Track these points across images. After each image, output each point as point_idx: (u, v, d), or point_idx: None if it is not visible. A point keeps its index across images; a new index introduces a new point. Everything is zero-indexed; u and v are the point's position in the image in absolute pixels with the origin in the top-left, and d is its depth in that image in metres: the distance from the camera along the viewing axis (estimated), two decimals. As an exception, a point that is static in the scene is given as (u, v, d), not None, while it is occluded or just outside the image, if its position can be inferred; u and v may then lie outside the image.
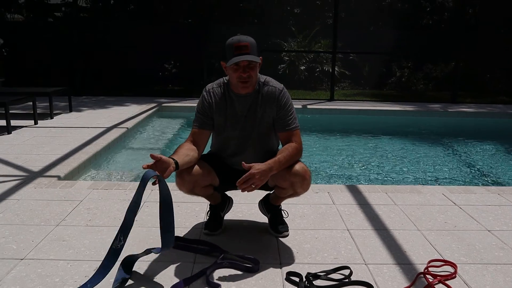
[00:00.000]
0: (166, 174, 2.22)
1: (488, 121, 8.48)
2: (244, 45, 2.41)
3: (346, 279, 2.31)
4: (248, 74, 2.44)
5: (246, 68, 2.43)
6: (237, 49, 2.41)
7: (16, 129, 6.10)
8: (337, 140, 7.02)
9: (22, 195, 3.50)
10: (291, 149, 2.50)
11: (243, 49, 2.41)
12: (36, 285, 2.21)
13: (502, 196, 3.64)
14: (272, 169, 2.37)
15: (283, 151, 2.49)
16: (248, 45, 2.42)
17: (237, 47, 2.41)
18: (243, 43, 2.41)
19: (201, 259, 2.50)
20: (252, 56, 2.42)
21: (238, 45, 2.41)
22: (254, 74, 2.48)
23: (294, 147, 2.52)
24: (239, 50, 2.41)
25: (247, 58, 2.40)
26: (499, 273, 2.42)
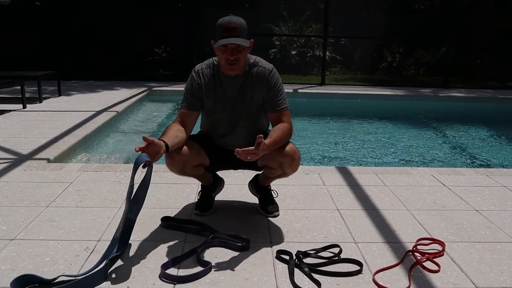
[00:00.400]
0: (157, 157, 2.21)
1: (478, 106, 8.54)
2: (234, 27, 2.37)
3: (335, 257, 2.33)
4: (235, 57, 2.41)
5: (234, 51, 2.40)
6: (226, 30, 2.38)
7: (4, 113, 6.04)
8: (327, 124, 7.04)
9: (11, 177, 3.48)
10: (285, 129, 2.50)
11: (232, 31, 2.37)
12: (27, 264, 2.21)
13: (490, 178, 3.68)
14: (270, 147, 2.35)
15: (277, 131, 2.47)
16: (238, 27, 2.38)
17: (226, 28, 2.38)
18: (233, 25, 2.38)
19: (191, 238, 2.51)
20: (241, 39, 2.38)
21: (228, 26, 2.38)
22: (242, 57, 2.44)
23: (287, 127, 2.52)
24: (228, 32, 2.37)
25: (236, 41, 2.36)
26: (486, 250, 2.45)
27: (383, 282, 2.11)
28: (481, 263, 2.32)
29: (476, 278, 2.16)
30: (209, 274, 2.15)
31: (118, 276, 2.11)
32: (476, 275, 2.20)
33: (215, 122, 2.66)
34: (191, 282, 2.08)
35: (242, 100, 2.58)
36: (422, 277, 2.17)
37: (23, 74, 7.02)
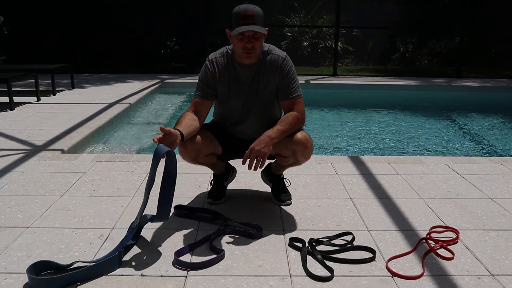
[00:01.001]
0: (174, 146, 2.23)
1: (493, 95, 8.44)
2: (250, 15, 2.36)
3: (348, 245, 2.33)
4: (252, 45, 2.40)
5: (251, 39, 2.39)
6: (243, 18, 2.36)
7: (19, 105, 6.11)
8: (340, 115, 7.00)
9: (26, 167, 3.52)
10: (291, 117, 2.49)
11: (249, 18, 2.36)
12: (42, 251, 2.24)
13: (505, 166, 3.64)
14: (272, 138, 2.36)
15: (283, 120, 2.48)
16: (254, 14, 2.37)
17: (243, 16, 2.36)
18: (249, 13, 2.37)
19: (204, 226, 2.53)
20: (258, 27, 2.37)
21: (244, 14, 2.36)
22: (258, 45, 2.44)
23: (295, 115, 2.51)
24: (245, 20, 2.36)
25: (253, 28, 2.35)
26: (501, 238, 2.43)
27: (397, 269, 2.10)
28: (496, 250, 2.30)
29: (491, 266, 2.15)
30: (222, 261, 2.16)
31: (132, 263, 2.13)
32: (490, 262, 2.18)
33: (228, 111, 2.66)
34: (204, 269, 2.09)
35: (255, 88, 2.57)
36: (435, 264, 2.16)
37: (37, 67, 7.08)
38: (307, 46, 12.73)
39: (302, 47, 12.64)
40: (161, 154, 2.13)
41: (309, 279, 2.02)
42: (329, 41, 12.60)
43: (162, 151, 2.13)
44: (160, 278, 2.01)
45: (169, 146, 2.18)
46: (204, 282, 1.98)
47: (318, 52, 12.79)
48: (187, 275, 2.04)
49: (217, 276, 2.04)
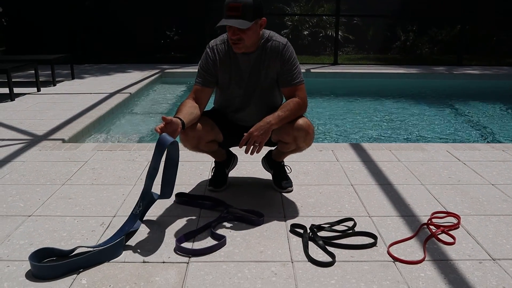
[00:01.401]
0: (175, 135, 2.22)
1: (494, 83, 8.40)
2: (235, 7, 2.31)
3: (350, 230, 2.33)
4: (238, 37, 2.37)
5: (236, 31, 2.36)
6: (228, 9, 2.33)
7: (19, 96, 6.10)
8: (341, 103, 6.99)
9: (27, 157, 3.52)
10: (292, 104, 2.48)
11: (233, 10, 2.31)
12: (44, 239, 2.25)
13: (506, 152, 3.64)
14: (271, 124, 2.36)
15: (284, 106, 2.47)
16: (240, 6, 2.30)
17: (229, 7, 2.32)
18: (234, 4, 2.31)
19: (206, 213, 2.53)
20: (238, 22, 2.31)
21: (230, 5, 2.32)
22: (246, 37, 2.38)
23: (296, 101, 2.50)
24: (229, 11, 2.32)
25: (231, 23, 2.31)
26: (502, 223, 2.43)
27: (398, 254, 2.11)
28: (497, 235, 2.30)
29: (492, 250, 2.15)
30: (224, 247, 2.17)
31: (134, 250, 2.13)
32: (492, 247, 2.18)
33: (229, 98, 2.65)
34: (206, 255, 2.09)
35: (256, 75, 2.56)
36: (437, 249, 2.16)
37: (37, 58, 7.06)
38: (307, 35, 12.67)
39: (302, 36, 12.59)
40: (166, 144, 2.12)
41: (310, 264, 2.03)
42: (329, 30, 12.54)
43: (167, 141, 2.13)
44: (162, 265, 2.02)
45: (171, 134, 2.18)
46: (206, 268, 1.99)
47: (319, 41, 12.74)
48: (189, 262, 2.04)
49: (219, 262, 2.04)
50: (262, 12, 2.41)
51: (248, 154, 2.36)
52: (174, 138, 2.19)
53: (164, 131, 2.16)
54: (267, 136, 2.35)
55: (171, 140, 2.13)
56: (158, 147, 2.14)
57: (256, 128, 2.34)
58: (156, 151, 2.15)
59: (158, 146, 2.14)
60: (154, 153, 2.16)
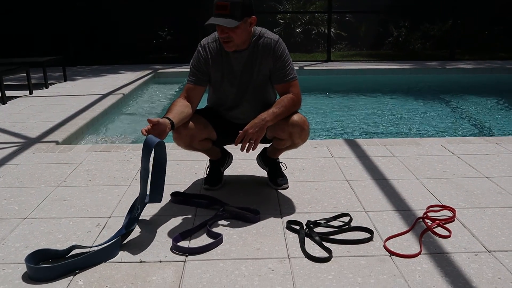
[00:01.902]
0: (164, 136, 2.22)
1: (487, 77, 8.44)
2: (223, 5, 2.30)
3: (346, 226, 2.33)
4: (226, 35, 2.37)
5: (225, 30, 2.35)
6: (216, 8, 2.32)
7: (11, 99, 6.06)
8: (334, 100, 7.00)
9: (21, 160, 3.50)
10: (286, 100, 2.48)
11: (221, 9, 2.31)
12: (40, 241, 2.23)
13: (500, 145, 3.65)
14: (266, 121, 2.36)
15: (278, 103, 2.47)
16: (227, 5, 2.30)
17: (216, 6, 2.32)
18: (222, 3, 2.30)
19: (202, 212, 2.52)
20: (225, 20, 2.30)
21: (218, 4, 2.31)
22: (235, 35, 2.37)
23: (290, 98, 2.50)
24: (217, 10, 2.32)
25: (218, 22, 2.30)
26: (497, 215, 2.44)
27: (394, 248, 2.11)
28: (492, 227, 2.31)
29: (487, 242, 2.16)
30: (220, 245, 2.16)
31: (131, 250, 2.13)
32: (487, 239, 2.19)
33: (222, 96, 2.65)
34: (203, 254, 2.09)
35: (249, 72, 2.55)
36: (433, 243, 2.17)
37: (28, 60, 7.02)
38: (300, 32, 12.68)
39: (295, 34, 12.60)
40: (152, 145, 2.12)
41: (307, 260, 2.03)
42: (322, 27, 12.57)
43: (153, 142, 2.13)
44: (159, 264, 2.02)
45: (159, 136, 2.18)
46: (202, 267, 1.99)
47: (311, 38, 12.76)
48: (185, 260, 2.04)
49: (216, 260, 2.04)
50: (252, 10, 2.40)
51: (243, 151, 2.36)
52: (162, 139, 2.19)
53: (151, 133, 2.16)
54: (262, 133, 2.35)
55: (157, 141, 2.13)
56: (145, 149, 2.15)
57: (251, 125, 2.34)
58: (143, 153, 2.15)
59: (145, 147, 2.15)
60: (142, 154, 2.17)
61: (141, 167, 2.20)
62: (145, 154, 2.15)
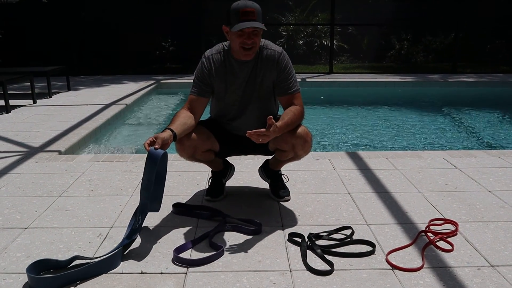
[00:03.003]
0: (166, 147, 2.23)
1: (489, 90, 8.45)
2: (250, 11, 2.35)
3: (348, 239, 2.33)
4: (252, 41, 2.40)
5: (251, 35, 2.38)
6: (243, 14, 2.34)
7: (15, 108, 6.09)
8: (337, 112, 7.00)
9: (23, 169, 3.51)
10: (297, 111, 2.48)
11: (249, 15, 2.35)
12: (41, 251, 2.23)
13: (502, 159, 3.65)
14: (278, 127, 2.32)
15: (288, 113, 2.46)
16: (254, 11, 2.36)
17: (243, 12, 2.34)
18: (249, 9, 2.35)
19: (203, 223, 2.52)
20: (258, 23, 2.36)
21: (244, 10, 2.35)
22: (258, 41, 2.44)
23: (299, 110, 2.50)
24: (245, 16, 2.34)
25: (254, 24, 2.34)
26: (500, 229, 2.43)
27: (396, 262, 2.10)
28: (495, 241, 2.30)
29: (490, 256, 2.15)
30: (222, 257, 2.16)
31: (132, 261, 2.12)
32: (490, 253, 2.18)
33: (226, 106, 2.65)
34: (204, 266, 2.08)
35: (252, 84, 2.57)
36: (435, 256, 2.16)
37: (32, 69, 7.06)
38: (302, 44, 12.73)
39: (297, 46, 12.64)
40: (158, 157, 2.15)
41: (309, 273, 2.02)
42: (324, 39, 12.61)
43: (158, 154, 2.15)
44: (160, 275, 2.01)
45: (161, 148, 2.19)
46: (204, 279, 1.98)
47: (314, 50, 12.79)
48: (187, 272, 2.03)
49: (217, 272, 2.03)
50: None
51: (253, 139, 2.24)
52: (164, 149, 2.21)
53: (153, 145, 2.17)
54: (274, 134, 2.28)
55: (162, 153, 2.16)
56: (150, 160, 2.16)
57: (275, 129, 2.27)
58: (148, 164, 2.17)
59: (150, 159, 2.16)
60: (146, 166, 2.18)
61: (145, 177, 2.20)
62: (150, 165, 2.16)
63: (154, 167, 2.16)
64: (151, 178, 2.19)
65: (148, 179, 2.20)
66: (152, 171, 2.17)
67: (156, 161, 2.15)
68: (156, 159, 2.14)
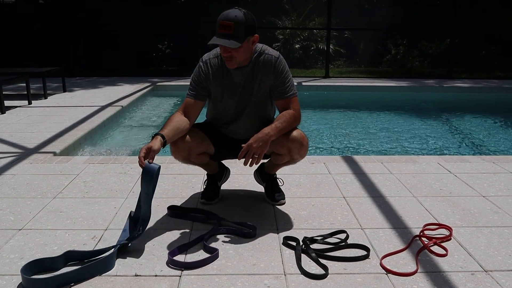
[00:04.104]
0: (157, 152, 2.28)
1: (484, 96, 8.50)
2: (227, 25, 2.31)
3: (342, 243, 2.33)
4: (229, 55, 2.38)
5: (227, 49, 2.36)
6: (220, 27, 2.33)
7: (10, 109, 6.06)
8: (332, 116, 7.02)
9: (18, 170, 3.49)
10: (288, 115, 2.49)
11: (225, 28, 2.31)
12: (35, 253, 2.22)
13: (496, 164, 3.67)
14: (270, 135, 2.36)
15: (280, 118, 2.48)
16: (232, 25, 2.30)
17: (220, 25, 2.32)
18: (227, 23, 2.31)
19: (198, 226, 2.52)
20: (229, 42, 2.30)
21: (221, 23, 2.32)
22: (237, 54, 2.39)
23: (292, 113, 2.51)
24: (221, 29, 2.32)
25: (222, 42, 2.31)
26: (494, 234, 2.44)
27: (391, 266, 2.11)
28: (489, 247, 2.31)
29: (484, 261, 2.16)
30: (216, 260, 2.16)
31: (126, 263, 2.12)
32: (484, 258, 2.19)
33: (222, 110, 2.65)
34: (198, 269, 2.08)
35: (249, 88, 2.57)
36: (429, 261, 2.16)
37: (28, 70, 7.04)
38: (299, 48, 12.76)
39: (294, 50, 12.67)
40: (153, 172, 2.19)
41: (303, 277, 2.02)
42: (320, 43, 12.65)
43: (153, 169, 2.19)
44: (154, 278, 2.01)
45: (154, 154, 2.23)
46: (198, 282, 1.98)
47: (310, 54, 12.83)
48: (181, 275, 2.03)
49: (212, 275, 2.03)
50: (254, 29, 2.41)
51: (247, 166, 2.35)
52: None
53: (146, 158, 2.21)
54: (266, 148, 2.34)
55: (157, 167, 2.20)
56: (146, 175, 2.21)
57: (255, 139, 2.33)
58: (144, 179, 2.21)
59: (145, 173, 2.21)
60: (143, 180, 2.22)
61: (143, 191, 2.24)
62: (146, 180, 2.21)
63: (151, 181, 2.21)
64: (149, 192, 2.23)
65: (147, 192, 2.23)
66: (150, 185, 2.22)
67: (153, 176, 2.20)
68: (152, 173, 2.19)
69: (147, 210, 2.25)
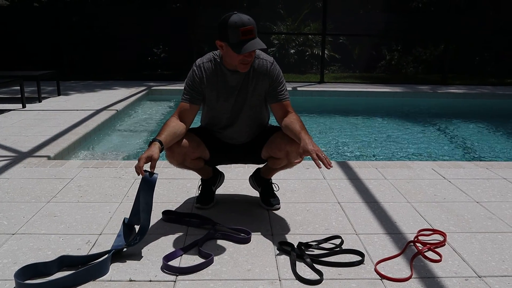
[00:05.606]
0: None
1: (477, 102, 8.55)
2: (251, 29, 2.33)
3: (337, 248, 2.33)
4: (252, 57, 2.43)
5: (252, 52, 2.40)
6: (244, 34, 2.31)
7: (4, 112, 6.04)
8: (327, 121, 7.04)
9: (11, 174, 3.48)
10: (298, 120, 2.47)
11: (251, 33, 2.33)
12: (29, 258, 2.21)
13: (490, 170, 3.69)
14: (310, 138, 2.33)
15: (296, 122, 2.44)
16: (253, 28, 2.34)
17: (244, 32, 2.31)
18: (249, 27, 2.32)
19: (193, 231, 2.51)
20: (260, 42, 2.35)
21: (245, 29, 2.31)
22: (254, 54, 2.47)
23: (298, 117, 2.50)
24: (246, 35, 2.32)
25: (258, 46, 2.33)
26: (487, 240, 2.46)
27: (385, 271, 2.11)
28: (483, 252, 2.32)
29: (478, 267, 2.17)
30: (211, 265, 2.15)
31: (121, 268, 2.11)
32: (477, 264, 2.20)
33: (217, 115, 2.66)
34: (193, 274, 2.08)
35: (244, 92, 2.57)
36: (423, 267, 2.17)
37: (22, 74, 7.01)
38: (294, 53, 12.80)
39: (289, 55, 12.70)
40: (153, 182, 2.22)
41: (298, 282, 2.02)
42: (315, 48, 12.69)
43: (153, 179, 2.22)
44: (149, 283, 2.00)
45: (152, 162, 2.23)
46: (193, 287, 1.97)
47: (305, 59, 12.87)
48: (176, 280, 2.02)
49: (206, 280, 2.03)
50: None
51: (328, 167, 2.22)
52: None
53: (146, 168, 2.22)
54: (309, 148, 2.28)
55: (156, 177, 2.23)
56: (146, 185, 2.22)
57: (309, 142, 2.27)
58: (144, 188, 2.23)
59: (145, 183, 2.22)
60: (141, 189, 2.23)
61: (142, 201, 2.24)
62: (146, 190, 2.23)
63: (150, 191, 2.22)
64: (149, 202, 2.24)
65: (146, 202, 2.24)
66: (150, 195, 2.23)
67: (153, 185, 2.22)
68: (152, 183, 2.22)
69: (146, 220, 2.25)
